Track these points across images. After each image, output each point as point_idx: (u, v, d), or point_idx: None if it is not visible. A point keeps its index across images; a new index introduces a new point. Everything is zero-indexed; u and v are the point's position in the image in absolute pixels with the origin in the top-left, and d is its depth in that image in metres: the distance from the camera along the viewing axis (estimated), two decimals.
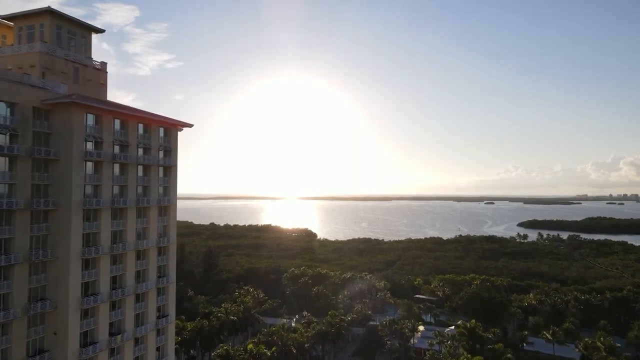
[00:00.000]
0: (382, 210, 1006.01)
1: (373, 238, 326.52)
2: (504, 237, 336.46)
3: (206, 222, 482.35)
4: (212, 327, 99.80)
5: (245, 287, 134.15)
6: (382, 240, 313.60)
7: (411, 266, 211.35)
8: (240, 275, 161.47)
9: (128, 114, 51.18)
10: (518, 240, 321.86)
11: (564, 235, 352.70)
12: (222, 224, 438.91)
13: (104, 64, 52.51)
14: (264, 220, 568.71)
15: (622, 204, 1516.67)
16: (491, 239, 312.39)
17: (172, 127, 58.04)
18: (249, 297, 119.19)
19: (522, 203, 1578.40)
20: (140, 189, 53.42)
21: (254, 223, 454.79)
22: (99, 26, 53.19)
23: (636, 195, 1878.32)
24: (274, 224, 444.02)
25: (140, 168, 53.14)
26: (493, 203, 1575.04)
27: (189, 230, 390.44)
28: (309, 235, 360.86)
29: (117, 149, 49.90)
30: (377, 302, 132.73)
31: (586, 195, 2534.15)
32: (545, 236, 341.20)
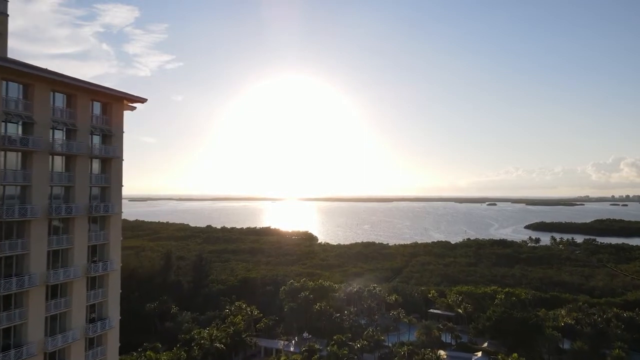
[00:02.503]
0: (384, 211, 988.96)
1: (377, 242, 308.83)
2: (515, 240, 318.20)
3: (203, 224, 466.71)
4: (192, 359, 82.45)
5: (238, 303, 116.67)
6: (387, 244, 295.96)
7: (420, 274, 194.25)
8: (233, 287, 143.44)
9: (33, 75, 33.38)
10: (530, 244, 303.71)
11: (577, 238, 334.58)
12: (219, 227, 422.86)
13: (2, 3, 34.73)
14: (263, 222, 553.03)
15: (626, 205, 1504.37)
16: (502, 243, 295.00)
17: (115, 102, 40.16)
18: (240, 318, 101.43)
19: (524, 204, 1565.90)
20: (58, 191, 35.71)
21: (253, 225, 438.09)
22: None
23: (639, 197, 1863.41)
24: (273, 226, 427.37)
25: (58, 159, 35.47)
26: (495, 204, 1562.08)
27: (184, 233, 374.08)
28: (309, 238, 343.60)
29: (12, 128, 32.28)
30: (389, 321, 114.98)
31: (588, 196, 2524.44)
32: (558, 240, 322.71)
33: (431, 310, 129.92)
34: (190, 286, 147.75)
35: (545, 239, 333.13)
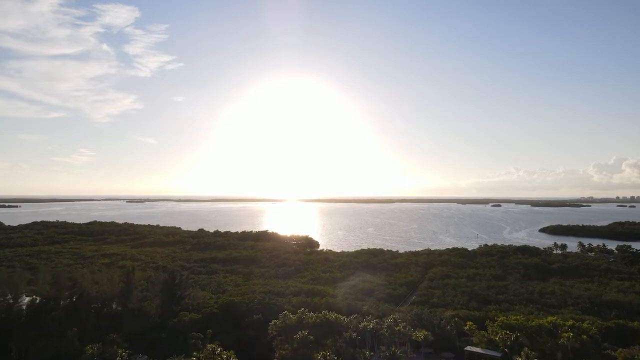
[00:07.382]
0: (387, 213, 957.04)
1: (385, 249, 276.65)
2: (538, 247, 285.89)
3: (197, 227, 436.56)
4: None
5: (211, 346, 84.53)
6: (397, 251, 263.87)
7: (441, 291, 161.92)
8: (211, 316, 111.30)
9: None
10: (556, 251, 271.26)
11: (600, 243, 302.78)
12: (212, 230, 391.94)
13: None
14: (261, 225, 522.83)
15: (634, 206, 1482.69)
16: (526, 250, 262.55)
17: None
18: None
19: (529, 205, 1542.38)
20: None
21: (250, 228, 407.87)
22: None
23: None
24: (271, 230, 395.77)
25: None
26: (500, 205, 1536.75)
27: (173, 238, 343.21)
28: (310, 244, 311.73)
29: None
30: None
31: (592, 197, 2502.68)
32: (587, 246, 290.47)
33: (469, 349, 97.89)
34: (158, 312, 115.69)
35: (572, 244, 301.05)
